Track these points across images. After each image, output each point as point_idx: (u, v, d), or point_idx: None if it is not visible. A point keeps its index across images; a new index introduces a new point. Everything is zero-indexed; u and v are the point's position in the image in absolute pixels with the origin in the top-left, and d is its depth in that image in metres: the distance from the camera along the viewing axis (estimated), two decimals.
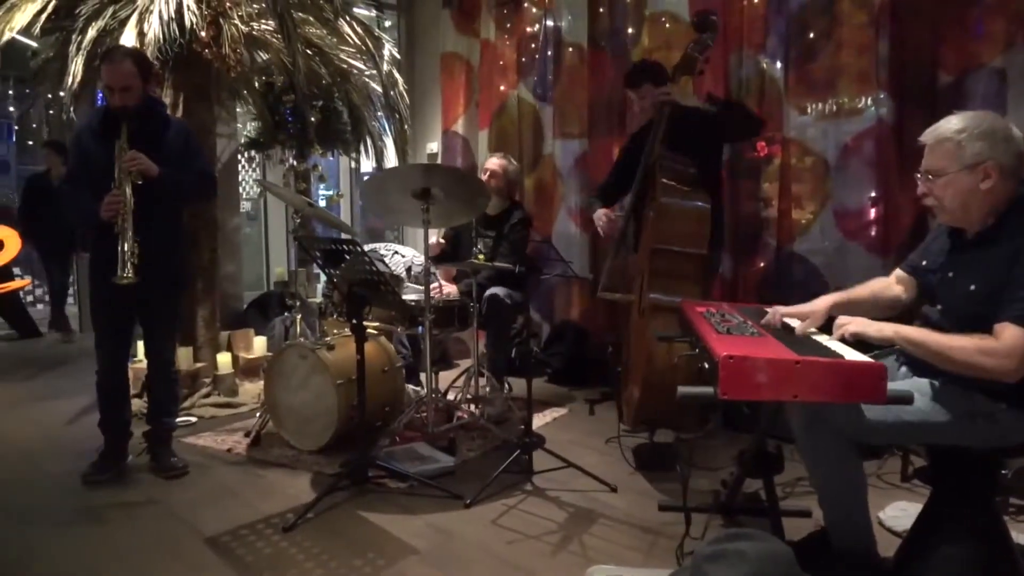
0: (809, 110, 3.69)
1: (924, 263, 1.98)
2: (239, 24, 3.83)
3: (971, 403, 1.72)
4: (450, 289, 3.87)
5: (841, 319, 1.82)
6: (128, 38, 3.51)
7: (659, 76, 3.27)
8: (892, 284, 2.08)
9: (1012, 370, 1.59)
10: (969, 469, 1.84)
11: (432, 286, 3.22)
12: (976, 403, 1.71)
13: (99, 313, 2.92)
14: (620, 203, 3.61)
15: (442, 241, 4.13)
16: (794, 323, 1.96)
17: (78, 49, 3.60)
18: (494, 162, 4.08)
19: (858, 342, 1.75)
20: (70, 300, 6.88)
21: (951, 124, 1.77)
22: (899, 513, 2.43)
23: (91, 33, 3.62)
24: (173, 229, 2.99)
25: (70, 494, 2.79)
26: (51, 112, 4.50)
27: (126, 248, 2.67)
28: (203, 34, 3.66)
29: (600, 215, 3.45)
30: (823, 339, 1.83)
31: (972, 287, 1.75)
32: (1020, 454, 1.94)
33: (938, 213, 1.86)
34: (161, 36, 3.47)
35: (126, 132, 2.73)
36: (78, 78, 3.57)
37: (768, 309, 2.08)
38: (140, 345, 3.28)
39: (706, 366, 1.68)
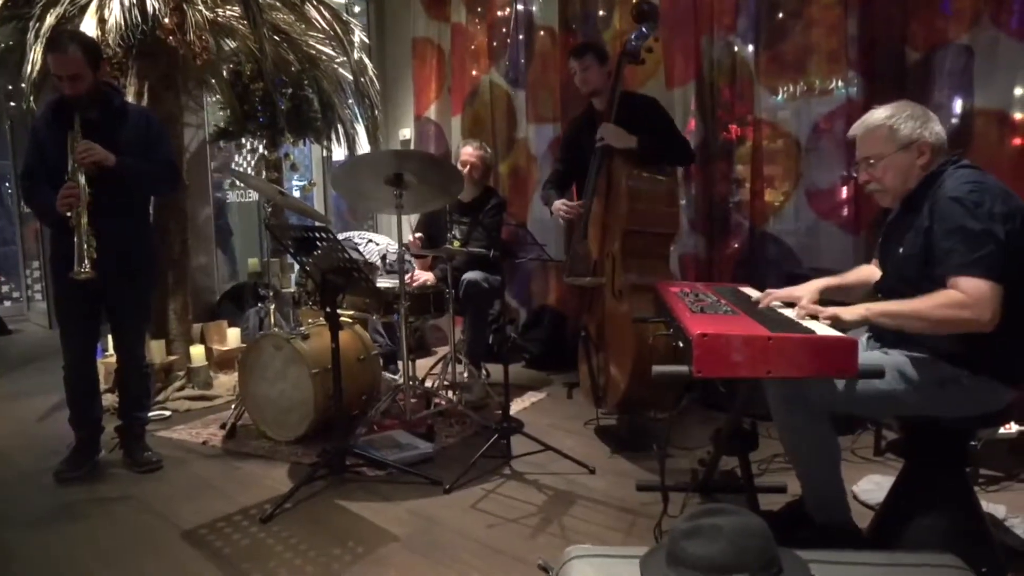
0: (780, 91, 3.71)
1: (882, 241, 2.06)
2: (203, 10, 3.74)
3: (938, 370, 1.77)
4: (426, 276, 3.83)
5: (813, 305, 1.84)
6: (88, 25, 3.41)
7: (603, 53, 3.36)
8: (875, 270, 2.13)
9: (987, 320, 1.63)
10: (940, 441, 1.88)
11: (408, 274, 3.19)
12: (942, 370, 1.76)
13: (63, 308, 2.86)
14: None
15: (419, 235, 4.04)
16: (789, 313, 1.93)
17: (36, 37, 3.49)
18: (471, 152, 3.95)
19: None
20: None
21: (878, 113, 1.90)
22: (872, 486, 2.47)
23: (49, 20, 3.51)
24: (138, 221, 2.92)
25: (44, 491, 2.75)
26: (12, 103, 4.39)
27: (83, 242, 2.59)
28: (167, 20, 3.56)
29: (559, 206, 3.44)
30: (794, 315, 1.84)
31: (900, 250, 1.86)
32: (988, 424, 1.99)
33: (881, 197, 1.96)
34: (123, 23, 3.39)
35: (79, 122, 2.64)
36: (37, 67, 3.47)
37: (744, 289, 2.09)
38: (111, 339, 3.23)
39: (680, 345, 1.69)
